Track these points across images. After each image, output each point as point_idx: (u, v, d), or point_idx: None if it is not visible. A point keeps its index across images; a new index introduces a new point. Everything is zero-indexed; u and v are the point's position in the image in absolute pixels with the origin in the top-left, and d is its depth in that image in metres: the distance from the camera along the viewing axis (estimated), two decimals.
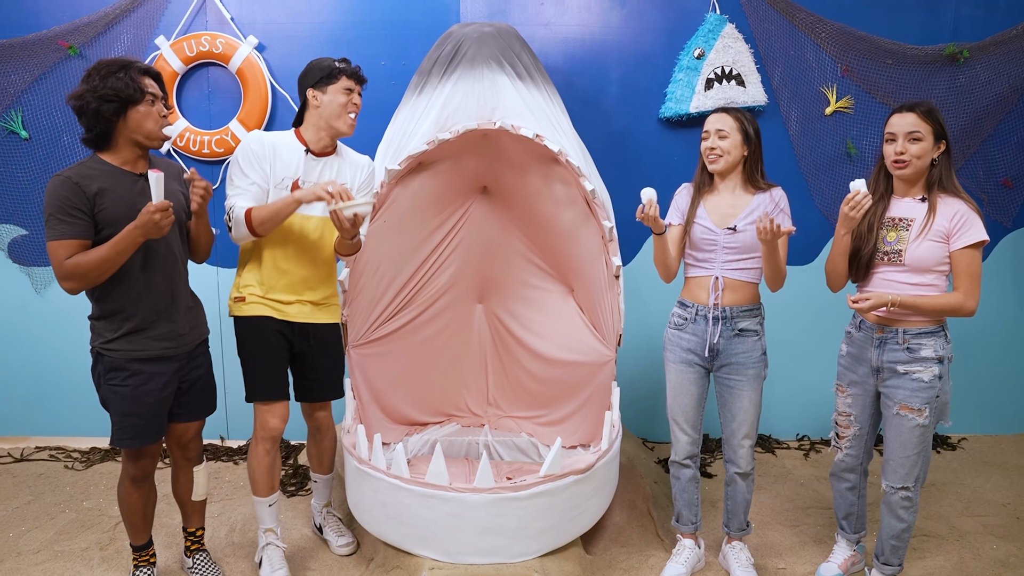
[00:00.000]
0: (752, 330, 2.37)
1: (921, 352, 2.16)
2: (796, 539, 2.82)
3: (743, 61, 3.41)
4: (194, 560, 2.49)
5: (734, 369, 2.38)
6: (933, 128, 2.14)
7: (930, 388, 2.16)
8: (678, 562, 2.51)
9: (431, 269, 3.18)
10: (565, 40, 3.44)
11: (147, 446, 2.20)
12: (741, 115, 2.34)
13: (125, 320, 2.10)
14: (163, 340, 2.15)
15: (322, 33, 3.41)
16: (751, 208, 2.33)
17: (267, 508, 2.50)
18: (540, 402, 3.24)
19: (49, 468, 3.46)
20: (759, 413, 2.44)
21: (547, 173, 2.91)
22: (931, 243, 2.13)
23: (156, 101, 2.07)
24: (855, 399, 2.35)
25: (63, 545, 2.74)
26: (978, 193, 3.69)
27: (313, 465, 2.73)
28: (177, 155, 3.44)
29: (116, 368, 2.12)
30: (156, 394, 2.15)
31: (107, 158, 2.08)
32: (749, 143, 2.34)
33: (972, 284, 2.11)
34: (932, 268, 2.15)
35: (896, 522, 2.27)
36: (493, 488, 2.24)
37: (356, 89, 2.41)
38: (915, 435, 2.18)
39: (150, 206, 1.90)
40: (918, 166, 2.15)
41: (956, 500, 3.16)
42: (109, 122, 2.02)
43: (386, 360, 3.08)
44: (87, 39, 3.32)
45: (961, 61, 3.52)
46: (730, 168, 2.36)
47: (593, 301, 3.01)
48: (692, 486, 2.55)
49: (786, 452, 3.70)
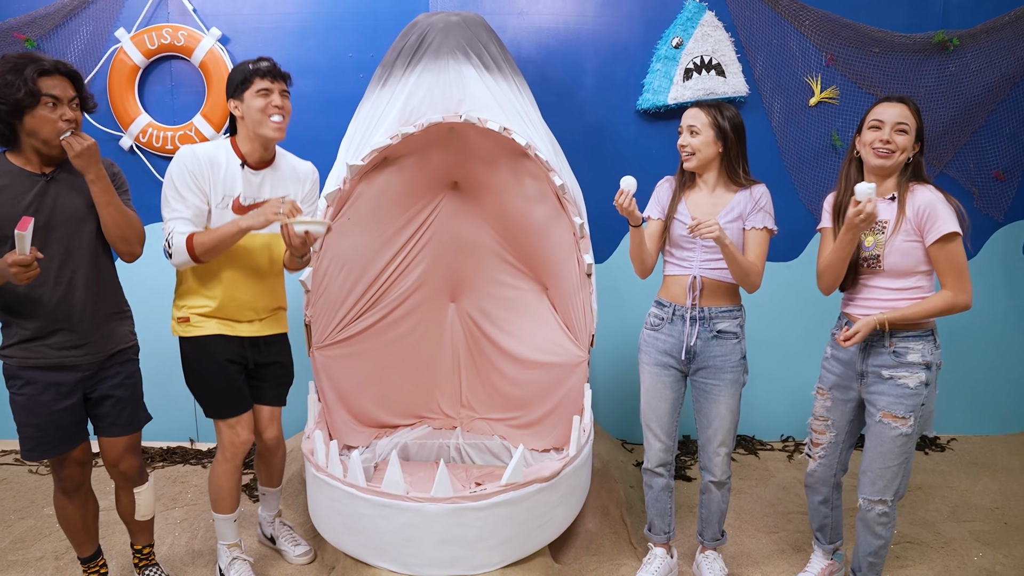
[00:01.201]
0: (731, 332, 2.26)
1: (908, 356, 2.04)
2: (774, 547, 2.72)
3: (723, 50, 3.30)
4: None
5: (711, 373, 2.28)
6: (917, 125, 2.04)
7: (915, 395, 2.03)
8: (648, 572, 2.41)
9: (400, 267, 3.08)
10: (538, 30, 3.33)
11: (50, 457, 2.08)
12: (716, 110, 2.20)
13: (20, 328, 2.00)
14: (62, 349, 2.03)
15: (287, 24, 3.30)
16: (731, 207, 2.22)
17: (231, 524, 2.42)
18: (514, 404, 3.15)
19: (12, 473, 3.38)
20: (737, 420, 2.33)
21: (517, 168, 2.81)
22: (906, 244, 2.01)
23: (60, 104, 1.91)
24: (835, 403, 2.23)
25: (18, 554, 2.66)
26: (968, 186, 3.58)
27: (262, 479, 2.62)
28: (140, 151, 3.34)
29: (12, 376, 2.03)
30: (53, 404, 2.03)
31: (12, 157, 1.97)
32: (725, 139, 2.20)
33: (958, 278, 1.98)
34: (913, 270, 2.03)
35: (873, 539, 2.15)
36: (452, 497, 2.15)
37: (275, 88, 2.17)
38: (897, 444, 2.05)
39: (8, 256, 1.77)
40: (900, 160, 2.03)
41: (942, 504, 3.06)
42: (8, 124, 1.90)
43: (353, 361, 2.99)
44: (44, 32, 3.22)
45: (951, 49, 3.40)
46: (704, 165, 2.25)
47: (566, 300, 2.92)
48: (665, 495, 2.45)
49: (769, 454, 3.60)
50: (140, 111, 3.29)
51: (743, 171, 2.25)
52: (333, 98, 3.34)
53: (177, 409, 3.55)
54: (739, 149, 2.24)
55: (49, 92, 1.89)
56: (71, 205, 2.01)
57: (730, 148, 2.22)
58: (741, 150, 2.25)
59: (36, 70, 1.86)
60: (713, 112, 2.20)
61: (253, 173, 2.25)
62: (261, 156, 2.26)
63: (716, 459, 2.34)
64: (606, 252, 3.51)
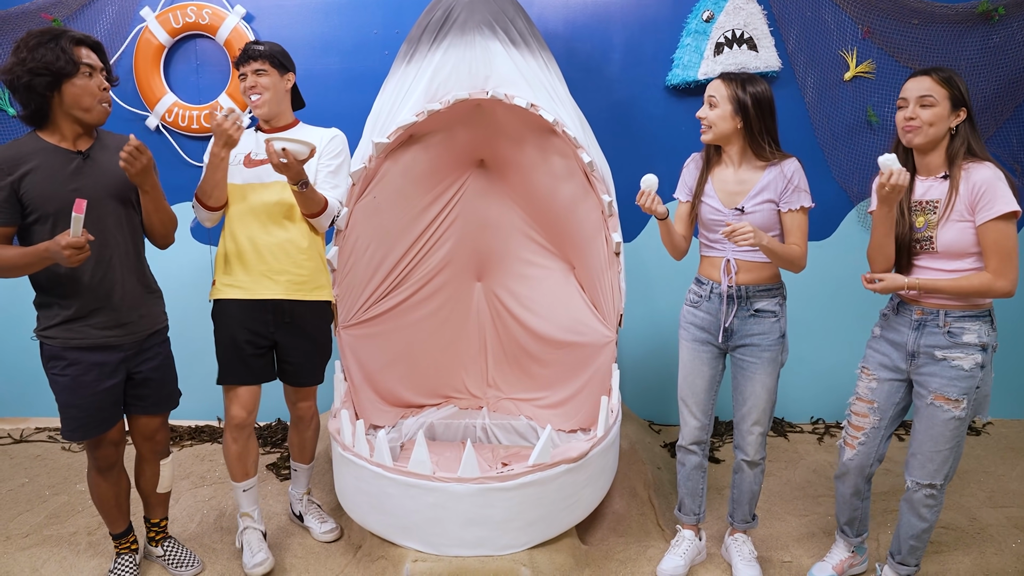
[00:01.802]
0: (770, 311, 2.19)
1: (963, 337, 1.93)
2: (804, 530, 2.68)
3: (755, 24, 3.20)
4: (164, 548, 2.42)
5: (749, 351, 2.22)
6: (950, 93, 1.90)
7: (970, 377, 1.93)
8: (676, 554, 2.39)
9: (426, 246, 3.06)
10: (566, 4, 3.26)
11: (92, 438, 2.10)
12: (738, 83, 2.11)
13: (62, 308, 2.00)
14: (104, 328, 2.03)
15: (312, 2, 3.26)
16: (760, 186, 2.14)
17: (242, 493, 2.45)
18: (540, 384, 3.13)
19: (46, 450, 3.44)
20: (774, 400, 2.27)
21: (544, 145, 2.76)
22: (959, 224, 1.91)
23: (95, 73, 1.92)
24: (881, 385, 2.12)
25: (52, 529, 2.70)
26: (1011, 162, 3.45)
27: (294, 454, 2.65)
28: (165, 131, 3.34)
29: (54, 357, 2.02)
30: (96, 384, 2.04)
31: (45, 135, 1.96)
32: (745, 113, 2.10)
33: (1002, 261, 1.86)
34: (968, 251, 1.92)
35: (917, 521, 2.08)
36: (479, 478, 2.13)
37: (248, 71, 2.32)
38: (949, 428, 1.96)
39: (62, 239, 1.77)
40: (930, 133, 1.92)
41: (979, 490, 2.99)
42: (43, 97, 1.89)
43: (379, 341, 2.98)
44: (71, 12, 3.22)
45: (995, 19, 3.27)
46: (722, 139, 2.16)
47: (593, 279, 2.88)
48: (697, 474, 2.42)
49: (799, 436, 3.55)
50: (166, 90, 3.29)
51: (769, 146, 2.14)
52: (358, 75, 3.30)
53: (205, 388, 3.54)
54: (763, 124, 2.12)
55: (86, 61, 1.90)
56: (107, 184, 2.01)
57: (751, 123, 2.11)
58: (766, 124, 2.13)
59: (71, 40, 1.88)
60: (734, 85, 2.11)
61: (265, 135, 2.36)
62: (270, 123, 2.43)
63: (749, 437, 2.29)
64: (634, 231, 3.46)
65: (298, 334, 2.42)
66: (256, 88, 2.32)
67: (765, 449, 2.33)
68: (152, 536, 2.43)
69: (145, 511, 2.42)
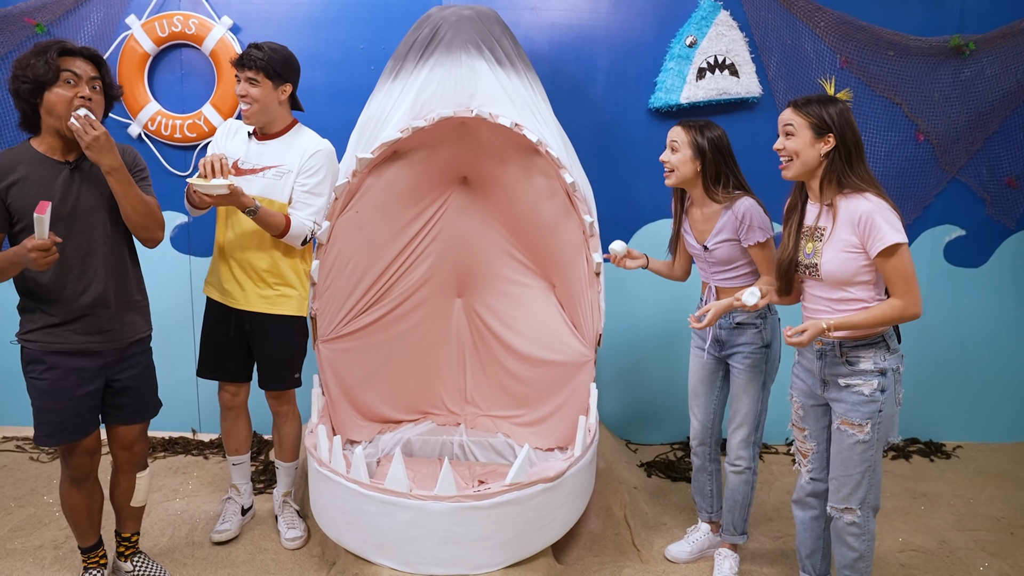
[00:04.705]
0: (750, 323, 2.35)
1: (860, 365, 1.96)
2: (778, 553, 2.70)
3: (737, 50, 3.26)
4: (134, 563, 2.38)
5: (735, 359, 2.40)
6: (810, 120, 1.91)
7: (871, 402, 1.95)
8: (686, 541, 2.60)
9: (407, 262, 3.06)
10: (552, 25, 3.30)
11: (66, 444, 2.09)
12: (697, 129, 2.29)
13: (45, 314, 2.01)
14: (86, 334, 2.04)
15: (298, 15, 3.27)
16: (719, 226, 2.33)
17: (231, 466, 2.73)
18: (519, 401, 3.13)
19: (14, 459, 3.36)
20: (759, 408, 2.41)
21: (527, 164, 2.78)
22: (843, 254, 1.92)
23: (79, 83, 1.92)
24: (806, 412, 2.15)
25: (16, 543, 2.65)
26: (981, 193, 3.55)
27: (275, 451, 2.76)
28: (148, 140, 3.32)
29: (34, 360, 2.03)
30: (74, 390, 2.04)
31: (36, 144, 1.99)
32: (702, 157, 2.27)
33: (907, 286, 1.87)
34: (852, 280, 1.94)
35: (847, 550, 2.06)
36: (455, 496, 2.13)
37: (242, 77, 2.38)
38: (856, 452, 1.98)
39: (28, 242, 1.78)
40: (798, 166, 1.96)
41: (948, 512, 3.04)
42: (30, 104, 1.92)
43: (358, 356, 2.97)
44: (55, 17, 3.19)
45: (967, 54, 3.37)
46: (684, 182, 2.35)
47: (573, 298, 2.90)
48: (702, 476, 2.60)
49: (774, 457, 3.58)
50: (149, 99, 3.27)
51: (724, 187, 2.30)
52: (343, 90, 3.31)
53: (179, 399, 3.53)
54: (718, 168, 2.29)
55: (68, 68, 1.90)
56: (95, 194, 2.02)
57: (707, 167, 2.28)
58: (721, 169, 2.29)
59: (58, 50, 1.90)
60: (693, 131, 2.29)
61: (258, 143, 2.50)
62: (262, 129, 2.51)
63: (732, 441, 2.43)
64: None
65: (262, 342, 2.55)
66: (247, 98, 2.38)
67: (751, 459, 2.42)
68: (121, 551, 2.38)
69: (117, 525, 2.38)
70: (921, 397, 3.67)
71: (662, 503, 3.06)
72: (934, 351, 3.66)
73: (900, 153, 3.46)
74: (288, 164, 2.48)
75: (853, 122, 1.94)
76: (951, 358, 3.69)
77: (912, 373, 3.64)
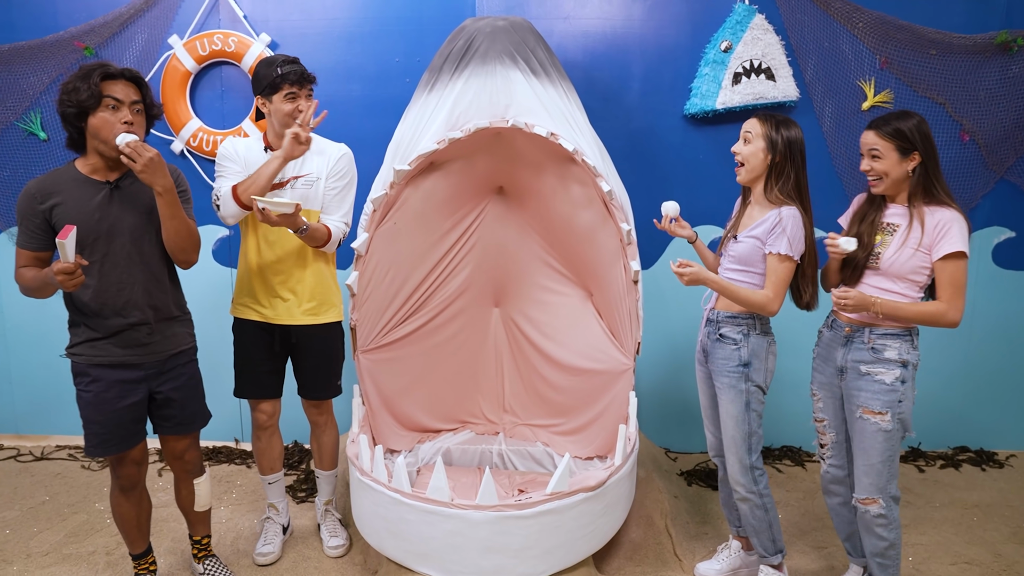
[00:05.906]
0: (731, 338, 2.27)
1: (885, 353, 2.08)
2: (823, 562, 2.65)
3: (773, 54, 3.23)
4: (204, 566, 2.47)
5: (715, 374, 2.33)
6: (896, 144, 2.05)
7: (892, 391, 2.06)
8: (716, 559, 2.52)
9: (444, 272, 3.08)
10: (585, 34, 3.31)
11: (111, 455, 2.15)
12: (774, 123, 2.19)
13: (88, 328, 2.08)
14: (126, 348, 2.10)
15: (335, 30, 3.33)
16: (759, 222, 2.21)
17: (267, 485, 2.71)
18: (557, 410, 3.12)
19: (67, 468, 3.47)
20: (744, 431, 2.26)
21: (563, 173, 2.78)
22: (909, 251, 2.06)
23: (120, 107, 1.97)
24: (825, 403, 2.28)
25: (71, 548, 2.73)
26: None
27: (315, 460, 2.78)
28: (191, 156, 3.41)
29: (80, 373, 2.10)
30: (117, 401, 2.10)
31: (80, 165, 2.05)
32: (775, 151, 2.17)
33: (954, 294, 2.01)
34: (904, 276, 2.07)
35: (875, 540, 2.15)
36: (497, 505, 2.14)
37: (301, 93, 2.38)
38: (878, 440, 2.07)
39: (55, 265, 1.84)
40: (888, 183, 2.09)
41: (1002, 524, 2.94)
42: (76, 128, 1.99)
43: (397, 365, 3.00)
44: (102, 39, 3.30)
45: (1015, 50, 3.28)
46: (752, 179, 2.25)
47: (611, 307, 2.89)
48: (724, 487, 2.53)
49: (816, 465, 3.51)
50: (191, 116, 3.36)
51: (779, 189, 2.19)
52: (380, 102, 3.36)
53: (223, 409, 3.58)
54: (784, 167, 2.18)
55: (110, 94, 1.95)
56: (134, 213, 2.08)
57: (778, 162, 2.18)
58: (786, 168, 2.18)
59: (101, 74, 1.95)
60: (769, 125, 2.20)
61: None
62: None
63: (729, 470, 2.34)
64: (652, 258, 3.47)
65: (305, 354, 2.57)
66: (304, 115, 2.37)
67: (751, 485, 2.28)
68: (195, 553, 2.49)
69: (188, 528, 2.48)
70: (970, 404, 3.57)
71: (703, 512, 3.02)
72: (983, 356, 3.56)
73: (945, 154, 3.37)
74: (316, 172, 2.50)
75: (930, 132, 2.07)
76: (1001, 364, 3.58)
77: (960, 379, 3.56)
